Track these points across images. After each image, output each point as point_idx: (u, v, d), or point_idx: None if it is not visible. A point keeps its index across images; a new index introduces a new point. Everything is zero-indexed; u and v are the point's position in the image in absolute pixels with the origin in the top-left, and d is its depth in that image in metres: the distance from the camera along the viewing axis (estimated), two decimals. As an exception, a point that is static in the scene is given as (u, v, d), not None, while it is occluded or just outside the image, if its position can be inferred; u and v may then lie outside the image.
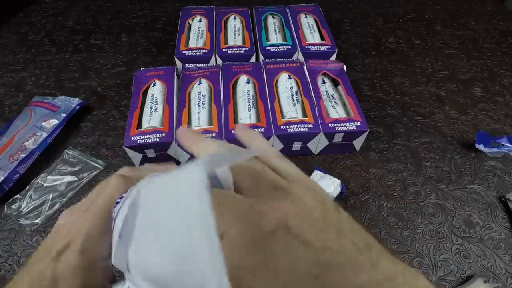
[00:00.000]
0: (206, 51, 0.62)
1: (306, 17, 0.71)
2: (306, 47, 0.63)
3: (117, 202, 0.20)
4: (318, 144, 0.50)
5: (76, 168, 0.51)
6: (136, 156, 0.49)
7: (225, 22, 0.70)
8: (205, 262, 0.11)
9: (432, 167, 0.52)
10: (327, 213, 0.17)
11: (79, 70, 0.68)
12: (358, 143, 0.52)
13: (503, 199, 0.47)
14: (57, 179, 0.49)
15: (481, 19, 0.82)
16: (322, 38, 0.66)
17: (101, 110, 0.60)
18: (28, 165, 0.50)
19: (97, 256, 0.21)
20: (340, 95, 0.56)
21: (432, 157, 0.53)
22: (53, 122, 0.54)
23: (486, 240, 0.43)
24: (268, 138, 0.47)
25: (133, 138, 0.47)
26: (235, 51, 0.62)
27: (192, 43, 0.64)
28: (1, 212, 0.46)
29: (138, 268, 0.14)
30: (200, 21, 0.69)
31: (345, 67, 0.58)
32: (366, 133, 0.49)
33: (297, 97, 0.53)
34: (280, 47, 0.63)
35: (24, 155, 0.49)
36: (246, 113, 0.50)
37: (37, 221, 0.45)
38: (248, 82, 0.55)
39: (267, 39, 0.66)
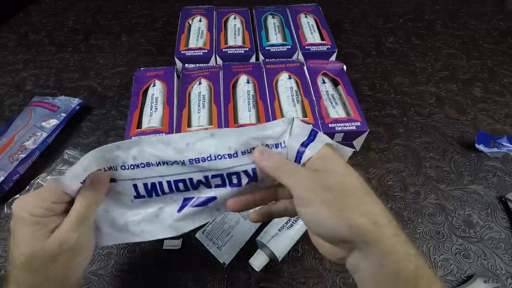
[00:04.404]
0: (206, 51, 0.62)
1: (306, 17, 0.71)
2: (306, 47, 0.63)
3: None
4: (318, 144, 0.50)
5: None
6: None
7: (225, 22, 0.70)
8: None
9: (432, 167, 0.52)
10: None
11: (79, 70, 0.68)
12: (358, 143, 0.52)
13: (503, 199, 0.47)
14: (57, 179, 0.49)
15: (481, 19, 0.82)
16: (322, 38, 0.66)
17: (101, 110, 0.60)
18: (28, 165, 0.50)
19: None
20: (340, 95, 0.56)
21: (432, 157, 0.53)
22: (53, 122, 0.54)
23: (486, 240, 0.43)
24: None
25: (133, 138, 0.46)
26: (235, 51, 0.62)
27: (192, 43, 0.64)
28: (1, 212, 0.46)
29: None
30: (200, 21, 0.69)
31: (345, 67, 0.58)
32: (366, 133, 0.49)
33: (297, 97, 0.53)
34: (280, 47, 0.63)
35: (24, 155, 0.49)
36: (246, 113, 0.50)
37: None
38: (248, 82, 0.55)
39: (267, 39, 0.66)
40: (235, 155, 0.26)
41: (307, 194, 0.24)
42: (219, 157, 0.26)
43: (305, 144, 0.26)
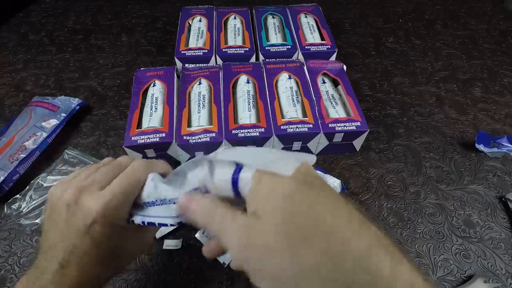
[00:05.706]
0: (206, 51, 0.62)
1: (306, 17, 0.71)
2: (306, 47, 0.63)
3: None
4: (318, 144, 0.50)
5: (76, 168, 0.50)
6: (136, 156, 0.49)
7: (225, 22, 0.70)
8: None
9: (432, 167, 0.52)
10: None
11: (79, 70, 0.68)
12: (358, 143, 0.52)
13: (503, 199, 0.47)
14: (57, 179, 0.49)
15: (481, 19, 0.82)
16: (322, 38, 0.66)
17: (101, 110, 0.60)
18: (28, 165, 0.50)
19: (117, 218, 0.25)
20: (340, 95, 0.56)
21: (432, 157, 0.53)
22: (53, 122, 0.54)
23: (486, 240, 0.43)
24: (267, 138, 0.47)
25: (133, 138, 0.47)
26: (235, 51, 0.62)
27: (192, 43, 0.64)
28: (1, 212, 0.46)
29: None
30: (200, 21, 0.69)
31: (345, 67, 0.58)
32: (366, 133, 0.49)
33: (297, 97, 0.53)
34: (280, 47, 0.63)
35: (24, 155, 0.49)
36: (246, 113, 0.50)
37: (37, 221, 0.44)
38: (248, 82, 0.55)
39: (267, 39, 0.66)
40: (157, 202, 0.25)
41: (237, 255, 0.19)
42: (149, 203, 0.25)
43: (237, 171, 0.21)
